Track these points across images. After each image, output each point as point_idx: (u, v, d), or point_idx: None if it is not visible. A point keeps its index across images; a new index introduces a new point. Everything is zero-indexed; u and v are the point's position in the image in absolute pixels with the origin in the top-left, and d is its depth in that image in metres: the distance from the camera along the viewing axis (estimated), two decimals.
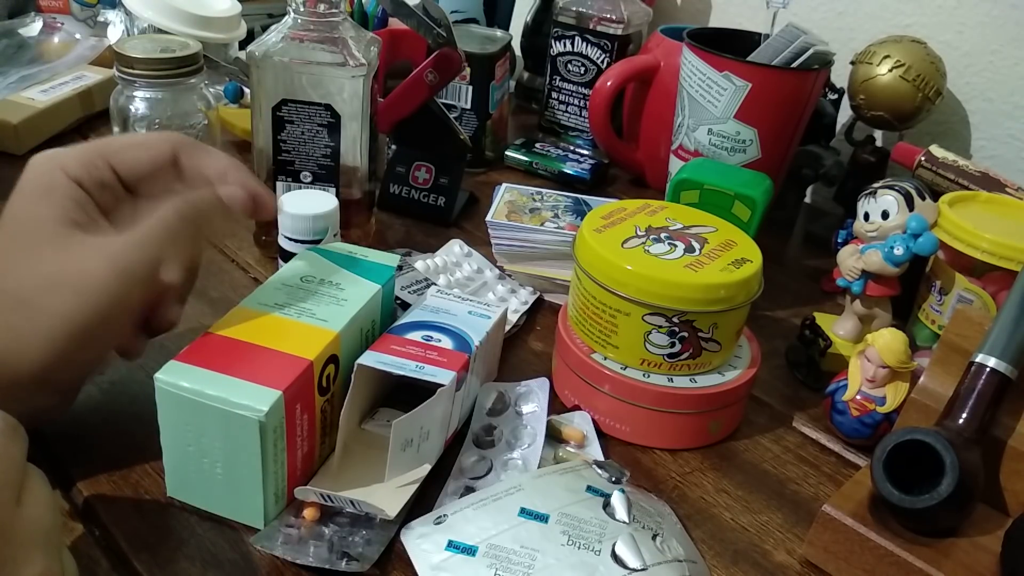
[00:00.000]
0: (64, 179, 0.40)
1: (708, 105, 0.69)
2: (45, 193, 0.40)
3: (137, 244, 0.40)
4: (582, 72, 0.91)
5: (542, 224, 0.65)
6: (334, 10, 0.60)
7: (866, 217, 0.59)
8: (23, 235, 0.39)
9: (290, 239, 0.56)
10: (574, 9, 0.89)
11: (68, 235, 0.39)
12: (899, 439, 0.43)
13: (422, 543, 0.41)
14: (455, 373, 0.44)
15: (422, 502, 0.44)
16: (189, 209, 0.41)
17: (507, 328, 0.59)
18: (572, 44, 0.91)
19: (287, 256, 0.56)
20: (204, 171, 0.44)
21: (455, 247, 0.69)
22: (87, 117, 0.87)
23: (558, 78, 0.93)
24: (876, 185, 0.59)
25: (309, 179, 0.64)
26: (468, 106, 0.86)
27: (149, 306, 0.44)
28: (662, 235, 0.53)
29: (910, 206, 0.57)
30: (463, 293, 0.56)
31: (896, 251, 0.56)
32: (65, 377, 0.42)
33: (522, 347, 0.61)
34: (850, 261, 0.59)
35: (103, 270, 0.39)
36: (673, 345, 0.50)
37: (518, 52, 1.07)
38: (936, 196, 0.59)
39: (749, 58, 0.69)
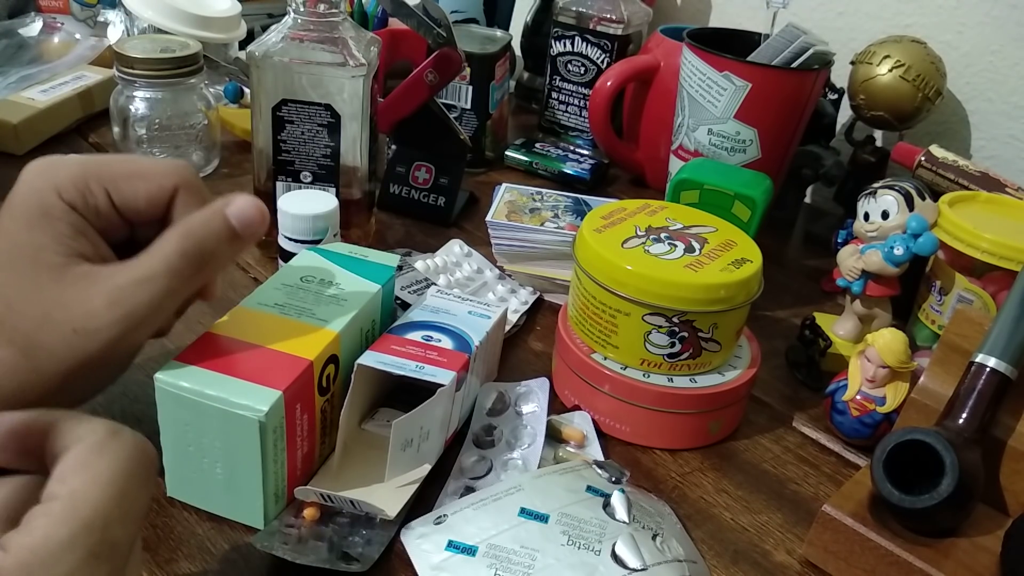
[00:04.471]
0: (59, 202, 0.37)
1: (708, 105, 0.69)
2: (40, 217, 0.37)
3: (139, 283, 0.37)
4: (582, 72, 0.91)
5: (542, 224, 0.65)
6: (334, 10, 0.60)
7: (866, 217, 0.59)
8: (22, 264, 0.37)
9: (290, 239, 0.56)
10: (574, 9, 0.89)
11: (68, 265, 0.37)
12: (899, 439, 0.43)
13: (422, 543, 0.41)
14: (455, 373, 0.44)
15: (422, 502, 0.44)
16: (194, 246, 0.38)
17: (507, 328, 0.59)
18: (572, 44, 0.91)
19: (287, 256, 0.56)
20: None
21: (455, 247, 0.69)
22: (87, 117, 0.87)
23: (558, 78, 0.93)
24: (876, 185, 0.59)
25: (309, 179, 0.64)
26: (468, 106, 0.86)
27: None
28: (662, 235, 0.53)
29: (910, 206, 0.57)
30: (463, 293, 0.56)
31: (896, 251, 0.56)
32: (72, 402, 0.41)
33: (522, 347, 0.61)
34: (850, 261, 0.59)
35: (103, 310, 0.36)
36: (673, 345, 0.50)
37: (518, 52, 1.07)
38: (936, 196, 0.59)
39: (749, 58, 0.69)
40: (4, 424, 0.30)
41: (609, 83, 0.82)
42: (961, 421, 0.44)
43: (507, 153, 0.90)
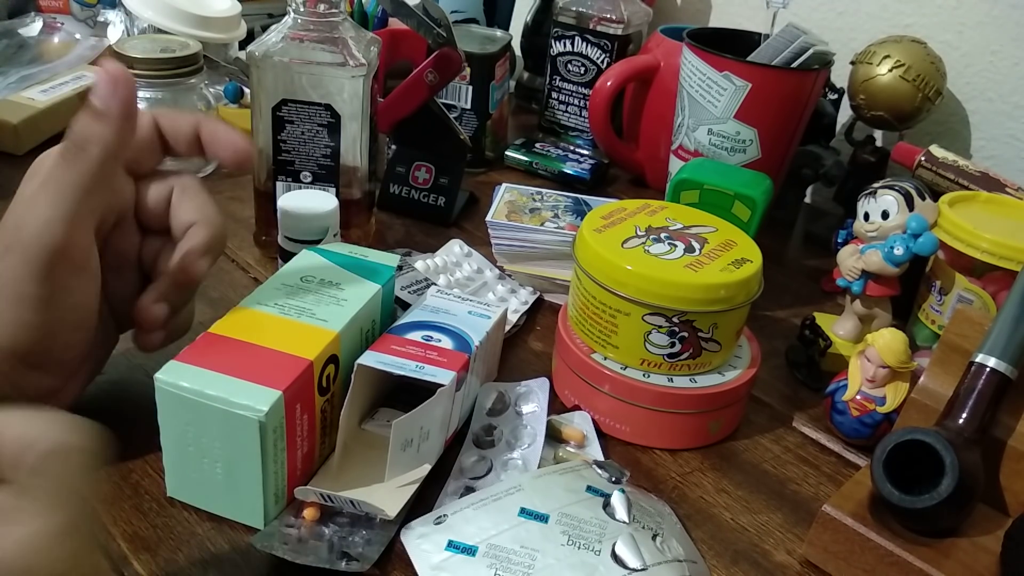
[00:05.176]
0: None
1: (708, 105, 0.69)
2: (29, 179, 0.42)
3: (42, 193, 0.40)
4: (582, 72, 0.91)
5: (542, 224, 0.65)
6: (334, 10, 0.60)
7: (866, 217, 0.59)
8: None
9: (290, 239, 0.56)
10: (574, 9, 0.89)
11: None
12: (899, 439, 0.43)
13: (422, 543, 0.41)
14: (455, 373, 0.44)
15: (422, 502, 0.44)
16: (67, 140, 0.41)
17: (507, 328, 0.59)
18: (572, 44, 0.91)
19: (287, 256, 0.56)
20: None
21: (455, 247, 0.69)
22: None
23: (558, 78, 0.93)
24: (876, 185, 0.59)
25: (309, 179, 0.64)
26: (468, 106, 0.86)
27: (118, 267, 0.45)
28: (662, 235, 0.53)
29: (910, 206, 0.57)
30: (463, 293, 0.56)
31: (896, 251, 0.56)
32: (49, 349, 0.42)
33: (522, 347, 0.61)
34: (850, 261, 0.59)
35: (26, 226, 0.39)
36: (673, 345, 0.50)
37: (518, 52, 1.07)
38: (936, 196, 0.59)
39: (749, 58, 0.69)
40: None
41: (609, 83, 0.82)
42: (961, 421, 0.44)
43: (507, 153, 0.90)
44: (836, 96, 0.82)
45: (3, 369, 0.40)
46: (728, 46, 0.69)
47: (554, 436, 0.51)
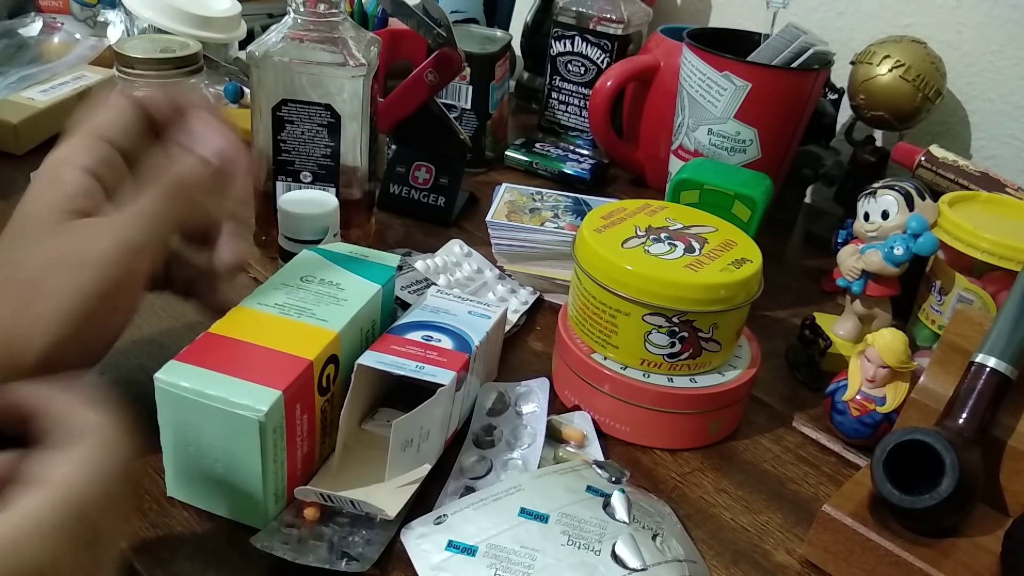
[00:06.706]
0: (71, 170, 0.41)
1: (708, 105, 0.69)
2: (51, 185, 0.41)
3: (133, 215, 0.40)
4: (582, 72, 0.91)
5: (542, 224, 0.65)
6: (334, 10, 0.60)
7: (866, 217, 0.59)
8: (28, 226, 0.40)
9: (290, 239, 0.56)
10: (574, 9, 0.89)
11: (71, 219, 0.40)
12: (899, 439, 0.43)
13: (422, 543, 0.41)
14: (455, 373, 0.44)
15: (422, 502, 0.44)
16: (174, 182, 0.42)
17: (507, 328, 0.59)
18: (572, 44, 0.91)
19: (287, 256, 0.56)
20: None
21: (455, 247, 0.69)
22: None
23: (558, 78, 0.93)
24: (876, 185, 0.59)
25: (309, 179, 0.64)
26: (468, 106, 0.86)
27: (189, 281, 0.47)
28: (662, 235, 0.53)
29: (910, 206, 0.57)
30: (463, 293, 0.56)
31: (896, 251, 0.56)
32: (75, 359, 0.42)
33: (522, 347, 0.61)
34: (850, 261, 0.59)
35: (104, 241, 0.39)
36: (673, 345, 0.50)
37: (518, 52, 1.07)
38: (936, 196, 0.59)
39: (749, 58, 0.69)
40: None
41: (609, 83, 0.82)
42: (961, 421, 0.44)
43: (507, 153, 0.90)
44: (836, 96, 0.82)
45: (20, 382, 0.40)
46: (728, 46, 0.69)
47: (554, 436, 0.51)
